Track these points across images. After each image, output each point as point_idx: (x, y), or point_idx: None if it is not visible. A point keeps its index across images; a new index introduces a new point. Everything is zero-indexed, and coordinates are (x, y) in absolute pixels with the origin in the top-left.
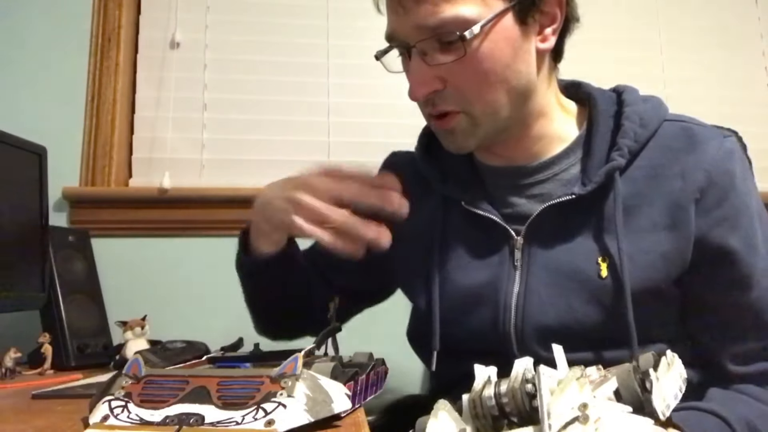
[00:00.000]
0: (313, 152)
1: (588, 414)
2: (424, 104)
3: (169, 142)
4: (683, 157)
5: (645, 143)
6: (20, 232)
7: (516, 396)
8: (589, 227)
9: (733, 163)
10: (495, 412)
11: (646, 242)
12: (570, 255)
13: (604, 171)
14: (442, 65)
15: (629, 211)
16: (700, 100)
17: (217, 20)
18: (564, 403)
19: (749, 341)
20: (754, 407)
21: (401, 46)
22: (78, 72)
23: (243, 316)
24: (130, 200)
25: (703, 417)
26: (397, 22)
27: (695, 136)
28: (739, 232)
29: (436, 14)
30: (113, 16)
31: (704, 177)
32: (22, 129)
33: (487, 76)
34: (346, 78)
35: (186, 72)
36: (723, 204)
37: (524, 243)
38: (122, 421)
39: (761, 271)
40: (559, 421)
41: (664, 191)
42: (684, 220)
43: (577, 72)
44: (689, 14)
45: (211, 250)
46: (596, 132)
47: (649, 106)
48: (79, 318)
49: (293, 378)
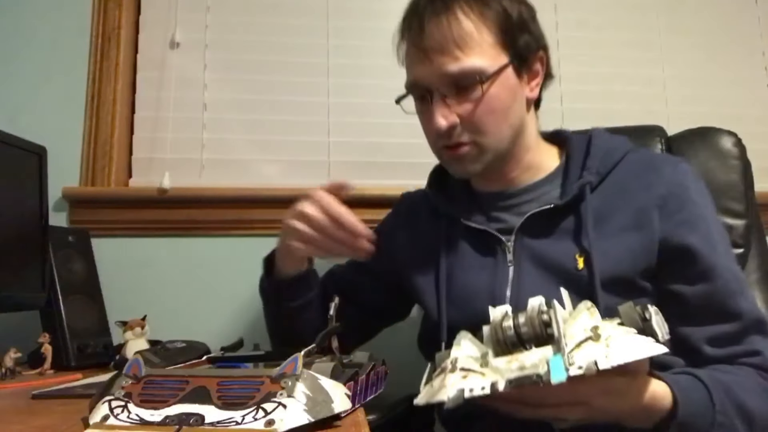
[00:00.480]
0: (313, 152)
1: (600, 333)
2: (439, 137)
3: (169, 142)
4: (646, 176)
5: (613, 167)
6: (20, 232)
7: (534, 323)
8: (567, 231)
9: (688, 180)
10: (514, 340)
11: (615, 241)
12: (553, 253)
13: (577, 185)
14: (459, 105)
15: (602, 218)
16: (700, 100)
17: (217, 20)
18: (577, 327)
19: (719, 324)
20: (728, 375)
21: (423, 91)
22: (78, 72)
23: (243, 316)
24: (130, 200)
25: (675, 374)
26: (423, 71)
27: (655, 161)
28: (698, 233)
29: (457, 64)
30: (113, 16)
31: (664, 189)
32: (22, 129)
33: (495, 114)
34: (346, 78)
35: (186, 72)
36: (682, 210)
37: (514, 246)
38: (122, 421)
39: (722, 266)
40: (573, 340)
41: (631, 202)
42: (648, 222)
43: (578, 72)
44: (689, 14)
45: (211, 250)
46: (572, 160)
47: (615, 141)
48: (79, 318)
49: (293, 378)
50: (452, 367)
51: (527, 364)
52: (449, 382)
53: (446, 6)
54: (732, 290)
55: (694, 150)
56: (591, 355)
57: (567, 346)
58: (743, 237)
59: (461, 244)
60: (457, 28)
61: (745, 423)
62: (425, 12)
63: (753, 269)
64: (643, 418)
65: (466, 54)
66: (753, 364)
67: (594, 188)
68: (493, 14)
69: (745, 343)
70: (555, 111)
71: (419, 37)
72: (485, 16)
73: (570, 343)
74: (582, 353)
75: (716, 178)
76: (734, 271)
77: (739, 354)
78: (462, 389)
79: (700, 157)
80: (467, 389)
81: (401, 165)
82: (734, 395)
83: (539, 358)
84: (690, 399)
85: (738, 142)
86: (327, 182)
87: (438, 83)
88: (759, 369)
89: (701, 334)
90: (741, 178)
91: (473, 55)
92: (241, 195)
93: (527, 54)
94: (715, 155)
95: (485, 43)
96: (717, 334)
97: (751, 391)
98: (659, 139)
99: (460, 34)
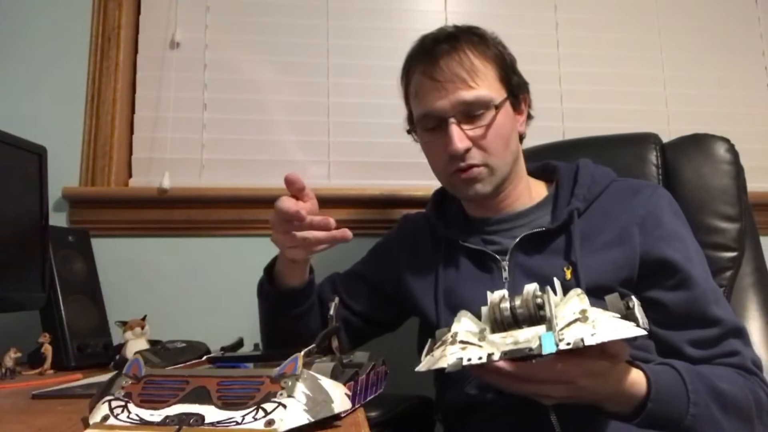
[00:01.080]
0: (313, 152)
1: (588, 316)
2: (453, 160)
3: (169, 142)
4: (627, 201)
5: (599, 194)
6: (20, 232)
7: (528, 305)
8: (557, 250)
9: (664, 202)
10: (510, 320)
11: (600, 255)
12: (544, 268)
13: (567, 211)
14: (471, 130)
15: (588, 237)
16: (700, 100)
17: (217, 20)
18: (568, 310)
19: (699, 330)
20: (703, 367)
21: (437, 120)
22: (78, 72)
23: (243, 316)
24: (130, 200)
25: (653, 365)
26: (439, 100)
27: (635, 187)
28: (674, 246)
29: (471, 93)
30: (113, 16)
31: (644, 210)
32: (22, 129)
33: (502, 139)
34: (346, 78)
35: (186, 72)
36: (659, 227)
37: (509, 265)
38: (122, 421)
39: (698, 276)
40: (564, 321)
41: (615, 222)
42: (629, 238)
43: (578, 72)
44: (689, 14)
45: (211, 250)
46: (561, 189)
47: (600, 171)
48: (79, 318)
49: (293, 378)
50: (452, 340)
51: (521, 339)
52: (449, 352)
53: (454, 46)
54: (709, 299)
55: (688, 156)
56: (579, 333)
57: (558, 326)
58: (737, 241)
59: (459, 262)
60: (468, 63)
61: (718, 404)
62: (436, 49)
63: (747, 273)
64: (622, 402)
65: (478, 84)
66: (731, 363)
67: (581, 213)
68: (493, 55)
69: (723, 346)
70: (555, 111)
71: (433, 70)
72: (487, 56)
73: (561, 323)
74: (571, 331)
75: (710, 183)
76: (710, 283)
77: (719, 355)
78: (461, 358)
79: (694, 162)
80: (465, 358)
81: (401, 165)
82: (706, 379)
83: (532, 335)
84: (662, 379)
85: (731, 148)
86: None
87: (453, 111)
88: (737, 368)
89: (683, 337)
90: (734, 182)
91: (483, 86)
92: (241, 195)
93: (518, 93)
94: (709, 161)
95: (491, 77)
96: (698, 337)
97: (722, 377)
98: (654, 146)
99: (472, 68)
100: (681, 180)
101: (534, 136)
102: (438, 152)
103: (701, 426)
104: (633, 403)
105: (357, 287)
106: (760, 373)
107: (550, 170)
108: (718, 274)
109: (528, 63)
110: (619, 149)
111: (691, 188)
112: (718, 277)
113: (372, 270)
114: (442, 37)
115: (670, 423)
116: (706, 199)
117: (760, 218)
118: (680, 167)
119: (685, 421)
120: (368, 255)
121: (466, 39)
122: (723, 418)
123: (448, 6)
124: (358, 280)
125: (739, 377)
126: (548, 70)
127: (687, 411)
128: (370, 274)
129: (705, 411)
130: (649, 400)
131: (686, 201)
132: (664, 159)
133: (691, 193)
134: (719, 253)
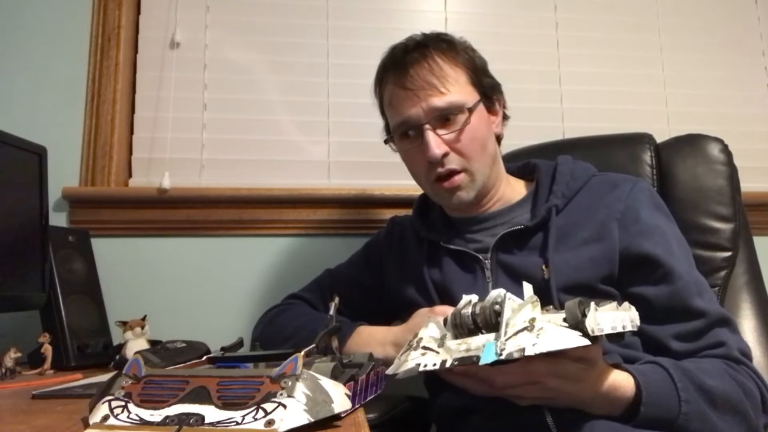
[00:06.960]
0: (313, 152)
1: (534, 325)
2: (432, 167)
3: (169, 142)
4: (606, 195)
5: (578, 190)
6: (20, 232)
7: (486, 313)
8: (536, 247)
9: (643, 196)
10: (471, 325)
11: (578, 252)
12: (524, 266)
13: (545, 208)
14: (446, 134)
15: (567, 233)
16: (700, 100)
17: (217, 20)
18: (519, 318)
19: (684, 323)
20: (689, 363)
21: (412, 128)
22: (78, 72)
23: (243, 316)
24: (130, 200)
25: (640, 365)
26: (412, 108)
27: (614, 182)
28: (654, 240)
29: (443, 99)
30: (113, 15)
31: (622, 205)
32: (22, 129)
33: (478, 141)
34: (346, 78)
35: (186, 72)
36: (638, 222)
37: (491, 263)
38: (122, 421)
39: (681, 269)
40: (514, 329)
41: (593, 218)
42: (608, 233)
43: (578, 72)
44: (689, 14)
45: (211, 250)
46: (540, 186)
47: (579, 167)
48: (79, 318)
49: (293, 378)
50: (416, 345)
51: (473, 346)
52: (411, 357)
53: (423, 53)
54: (692, 291)
55: (682, 156)
56: (522, 343)
57: (506, 334)
58: (731, 240)
59: (444, 264)
60: (438, 70)
61: (707, 401)
62: (406, 58)
63: (741, 272)
64: (606, 405)
65: (449, 90)
66: (718, 355)
67: (560, 210)
68: (462, 59)
69: (709, 337)
70: (555, 111)
71: (404, 79)
72: (457, 61)
73: (510, 332)
74: (515, 341)
75: (704, 184)
76: (694, 275)
77: (705, 347)
78: (418, 364)
79: (688, 163)
80: (422, 364)
81: (401, 165)
82: (692, 375)
83: (483, 343)
84: (652, 380)
85: (725, 149)
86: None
87: (427, 118)
88: (724, 359)
89: (668, 331)
90: (728, 182)
91: (455, 91)
92: (240, 195)
93: (491, 94)
94: (703, 161)
95: (462, 81)
96: (682, 331)
97: (709, 372)
98: (649, 146)
99: (442, 74)
100: (675, 180)
101: (534, 136)
102: (417, 160)
103: (693, 423)
104: (621, 406)
105: (352, 288)
106: (749, 361)
107: (531, 169)
108: (712, 273)
109: (528, 63)
110: (613, 149)
111: (686, 188)
112: (712, 276)
113: (363, 273)
114: (411, 45)
115: (664, 424)
116: (700, 200)
117: (754, 218)
118: (674, 167)
119: (678, 420)
120: (357, 255)
121: (434, 46)
122: (714, 414)
123: (448, 6)
124: (352, 282)
125: (726, 370)
126: (548, 70)
127: (679, 410)
128: (358, 273)
129: (696, 408)
130: (642, 404)
131: (680, 201)
132: (658, 159)
133: (686, 194)
134: (713, 253)
